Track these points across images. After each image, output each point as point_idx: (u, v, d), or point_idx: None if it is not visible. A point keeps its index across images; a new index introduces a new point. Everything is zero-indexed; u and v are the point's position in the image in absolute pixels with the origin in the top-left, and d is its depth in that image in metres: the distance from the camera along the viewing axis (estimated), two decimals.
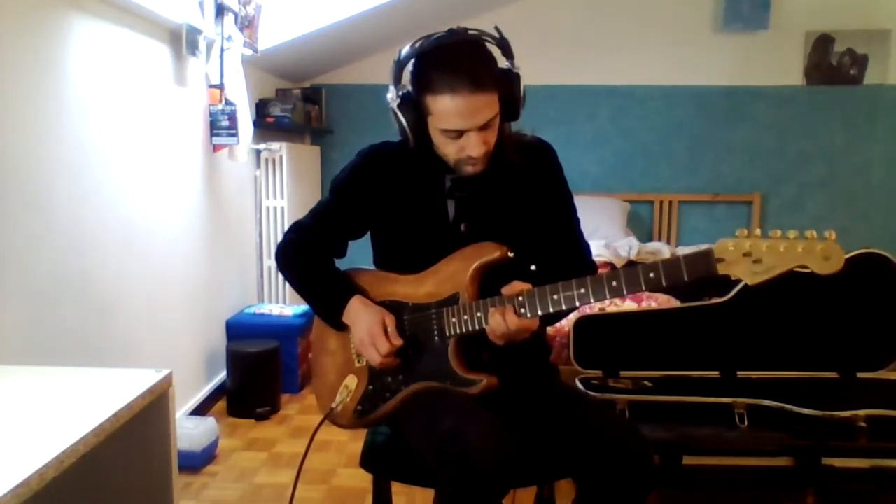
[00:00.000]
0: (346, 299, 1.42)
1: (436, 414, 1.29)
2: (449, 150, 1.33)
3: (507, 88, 1.33)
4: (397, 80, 1.34)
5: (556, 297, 1.27)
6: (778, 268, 1.15)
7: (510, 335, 1.29)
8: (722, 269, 1.17)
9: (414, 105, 1.32)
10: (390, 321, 1.38)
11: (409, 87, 1.33)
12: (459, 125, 1.28)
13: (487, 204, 1.43)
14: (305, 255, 1.49)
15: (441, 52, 1.29)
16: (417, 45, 1.31)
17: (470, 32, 1.31)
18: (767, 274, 1.15)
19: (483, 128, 1.30)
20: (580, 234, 1.52)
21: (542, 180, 1.47)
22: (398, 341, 1.36)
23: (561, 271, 1.32)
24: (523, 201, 1.44)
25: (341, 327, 1.45)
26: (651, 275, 1.22)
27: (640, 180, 4.54)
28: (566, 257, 1.47)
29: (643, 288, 1.23)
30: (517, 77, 1.34)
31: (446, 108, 1.27)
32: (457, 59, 1.27)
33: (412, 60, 1.32)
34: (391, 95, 1.35)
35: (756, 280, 1.16)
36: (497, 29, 1.36)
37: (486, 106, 1.28)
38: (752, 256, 1.16)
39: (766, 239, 1.16)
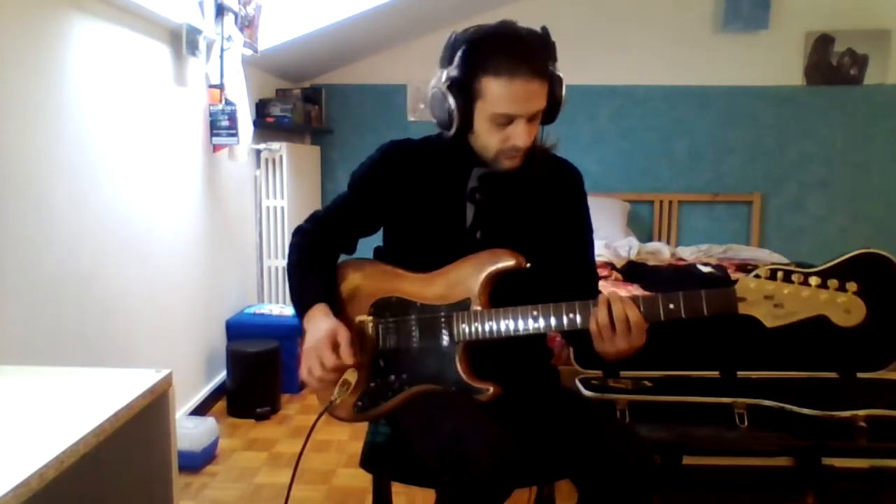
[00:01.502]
0: (312, 304, 1.37)
1: (438, 416, 1.28)
2: (493, 139, 1.31)
3: (552, 87, 1.32)
4: (448, 62, 1.30)
5: (571, 315, 1.27)
6: (798, 314, 1.15)
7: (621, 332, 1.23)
8: (742, 309, 1.18)
9: (464, 88, 1.29)
10: (344, 337, 1.31)
11: (459, 74, 1.29)
12: (513, 110, 1.27)
13: (506, 212, 1.42)
14: (305, 249, 1.47)
15: (502, 37, 1.28)
16: (472, 30, 1.30)
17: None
18: (787, 319, 1.16)
19: (531, 119, 1.30)
20: (593, 264, 1.51)
21: (566, 202, 1.46)
22: (349, 360, 1.29)
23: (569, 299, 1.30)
24: (542, 216, 1.43)
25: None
26: (671, 306, 1.23)
27: (640, 180, 4.54)
28: (577, 287, 1.42)
29: (662, 318, 1.24)
30: (560, 80, 1.34)
31: (502, 91, 1.26)
32: (519, 44, 1.27)
33: (466, 44, 1.29)
34: (439, 78, 1.31)
35: (775, 323, 1.16)
36: (544, 29, 1.34)
37: (539, 96, 1.28)
38: (773, 300, 1.16)
39: (789, 284, 1.15)
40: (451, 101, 1.29)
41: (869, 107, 4.39)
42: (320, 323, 1.33)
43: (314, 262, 1.46)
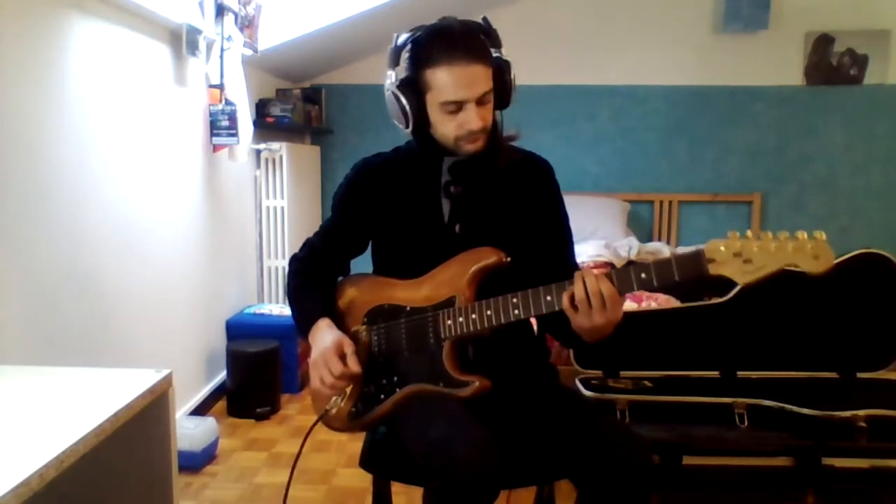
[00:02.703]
0: (315, 320, 1.43)
1: (428, 420, 1.29)
2: (448, 127, 1.36)
3: (499, 71, 1.37)
4: (395, 64, 1.38)
5: (549, 298, 1.28)
6: (768, 267, 1.15)
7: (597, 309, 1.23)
8: (713, 270, 1.18)
9: (412, 84, 1.36)
10: (349, 347, 1.37)
11: (406, 72, 1.37)
12: (458, 95, 1.32)
13: (481, 203, 1.44)
14: (301, 274, 1.52)
15: (437, 31, 1.35)
16: (411, 30, 1.37)
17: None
18: (758, 273, 1.16)
19: (480, 103, 1.34)
20: (573, 256, 1.53)
21: (539, 194, 1.49)
22: (356, 368, 1.35)
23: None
24: (517, 206, 1.45)
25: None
26: (643, 275, 1.22)
27: (640, 180, 4.54)
28: (559, 280, 1.41)
29: (635, 288, 1.24)
30: (507, 63, 1.39)
31: (445, 79, 1.32)
32: (452, 34, 1.34)
33: (409, 44, 1.37)
34: (389, 80, 1.38)
35: (747, 279, 1.16)
36: (485, 19, 1.40)
37: (482, 78, 1.33)
38: (742, 256, 1.16)
39: (757, 240, 1.17)
40: (403, 99, 1.36)
41: (869, 107, 4.39)
42: (325, 335, 1.39)
43: (311, 283, 1.51)
